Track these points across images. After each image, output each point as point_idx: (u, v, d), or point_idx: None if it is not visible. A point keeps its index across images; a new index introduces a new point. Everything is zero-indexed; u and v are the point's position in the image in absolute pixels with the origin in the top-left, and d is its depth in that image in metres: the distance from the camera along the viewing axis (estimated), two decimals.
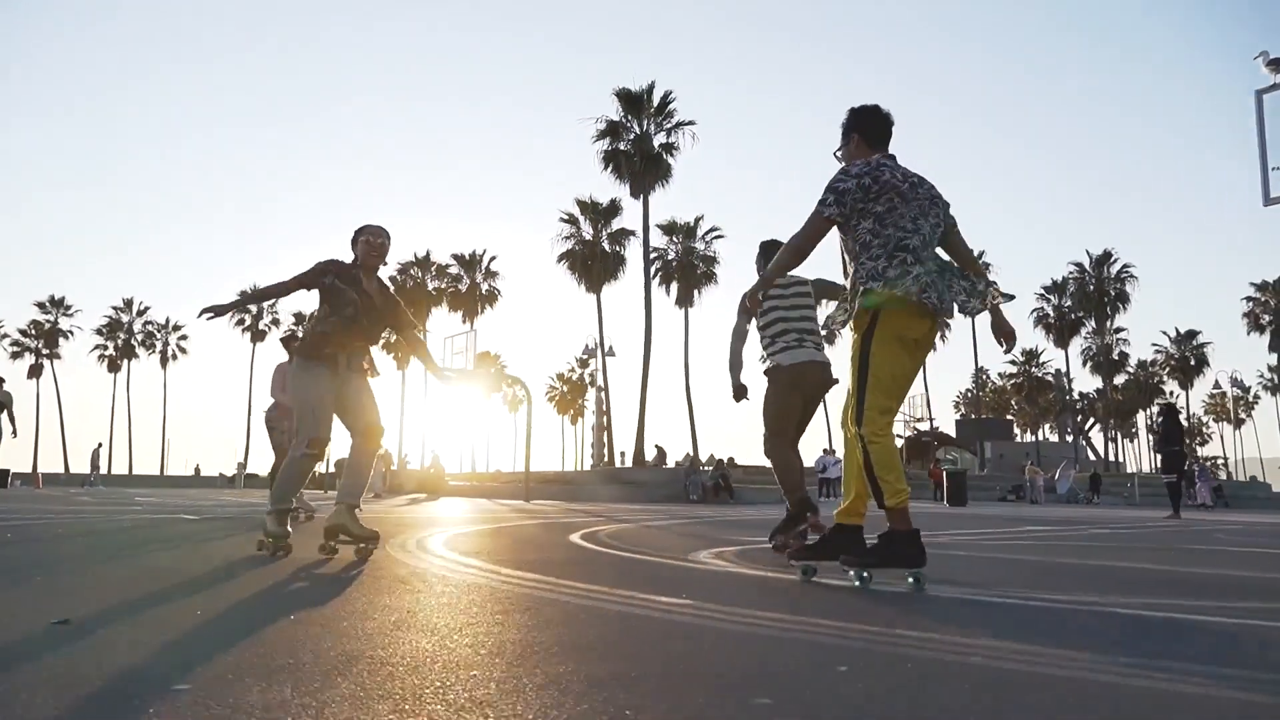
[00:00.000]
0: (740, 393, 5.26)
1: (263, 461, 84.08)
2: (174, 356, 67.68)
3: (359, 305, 4.44)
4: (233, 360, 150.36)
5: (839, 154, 3.59)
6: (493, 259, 52.78)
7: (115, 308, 67.33)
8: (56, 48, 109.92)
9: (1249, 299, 58.89)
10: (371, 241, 4.55)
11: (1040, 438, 74.57)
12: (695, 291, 43.52)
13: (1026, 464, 39.16)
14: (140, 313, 67.34)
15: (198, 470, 60.73)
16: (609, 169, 34.76)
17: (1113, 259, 54.89)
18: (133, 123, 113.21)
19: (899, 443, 55.16)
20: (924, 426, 56.56)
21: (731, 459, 30.82)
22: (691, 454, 41.65)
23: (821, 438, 54.87)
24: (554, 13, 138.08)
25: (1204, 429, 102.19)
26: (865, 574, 3.30)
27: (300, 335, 5.28)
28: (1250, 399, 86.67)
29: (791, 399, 5.02)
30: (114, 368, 66.83)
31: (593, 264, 39.02)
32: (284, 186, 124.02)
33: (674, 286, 43.17)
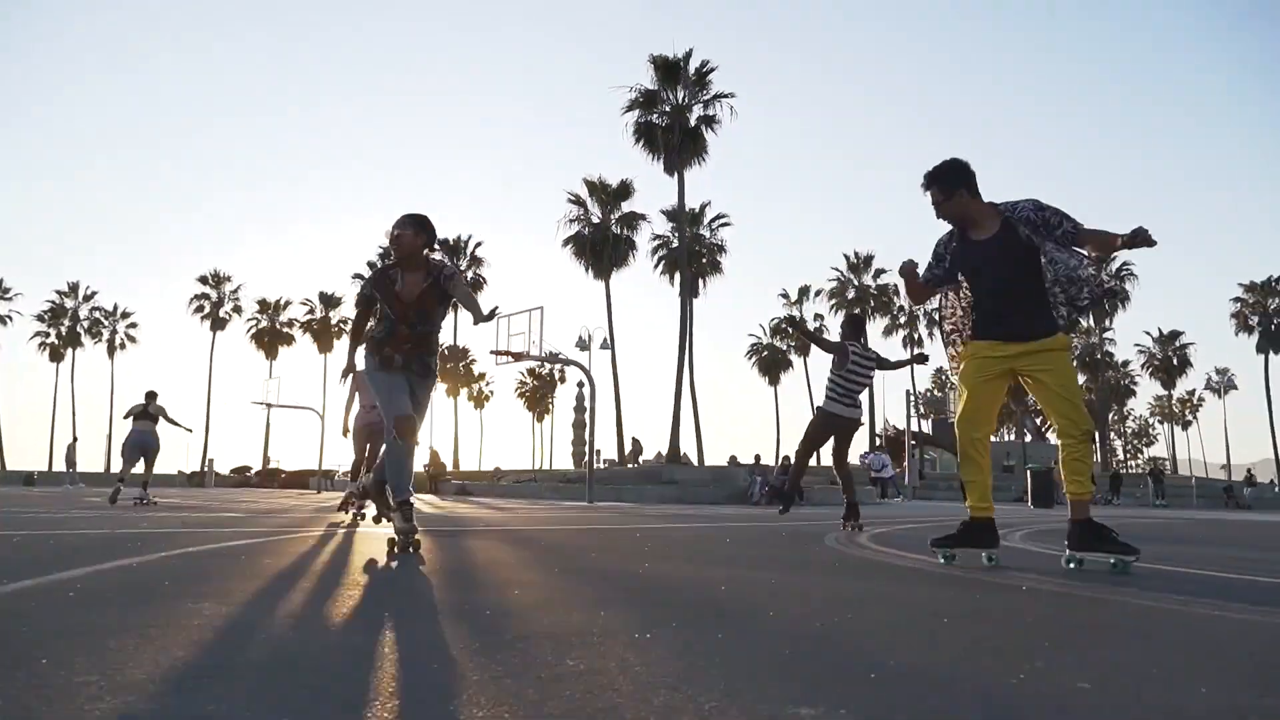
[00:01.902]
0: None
1: (226, 458, 79.74)
2: (122, 345, 63.24)
3: (394, 314, 4.41)
4: (189, 350, 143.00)
5: (945, 204, 3.93)
6: (478, 245, 49.88)
7: (59, 292, 62.65)
8: (13, 29, 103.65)
9: (1237, 299, 58.65)
10: (392, 235, 4.45)
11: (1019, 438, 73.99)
12: (700, 281, 41.38)
13: (1054, 465, 37.98)
14: (87, 298, 62.73)
15: None
16: (640, 143, 31.91)
17: (1112, 256, 53.89)
18: (87, 106, 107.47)
19: (879, 442, 54.11)
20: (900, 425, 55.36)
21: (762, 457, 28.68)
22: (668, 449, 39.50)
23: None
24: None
25: (1150, 430, 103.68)
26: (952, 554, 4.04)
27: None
28: (1195, 401, 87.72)
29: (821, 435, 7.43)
30: (56, 357, 62.10)
31: (602, 248, 36.38)
32: (245, 171, 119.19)
33: (678, 275, 40.98)
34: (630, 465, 34.45)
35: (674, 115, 31.96)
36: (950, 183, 3.88)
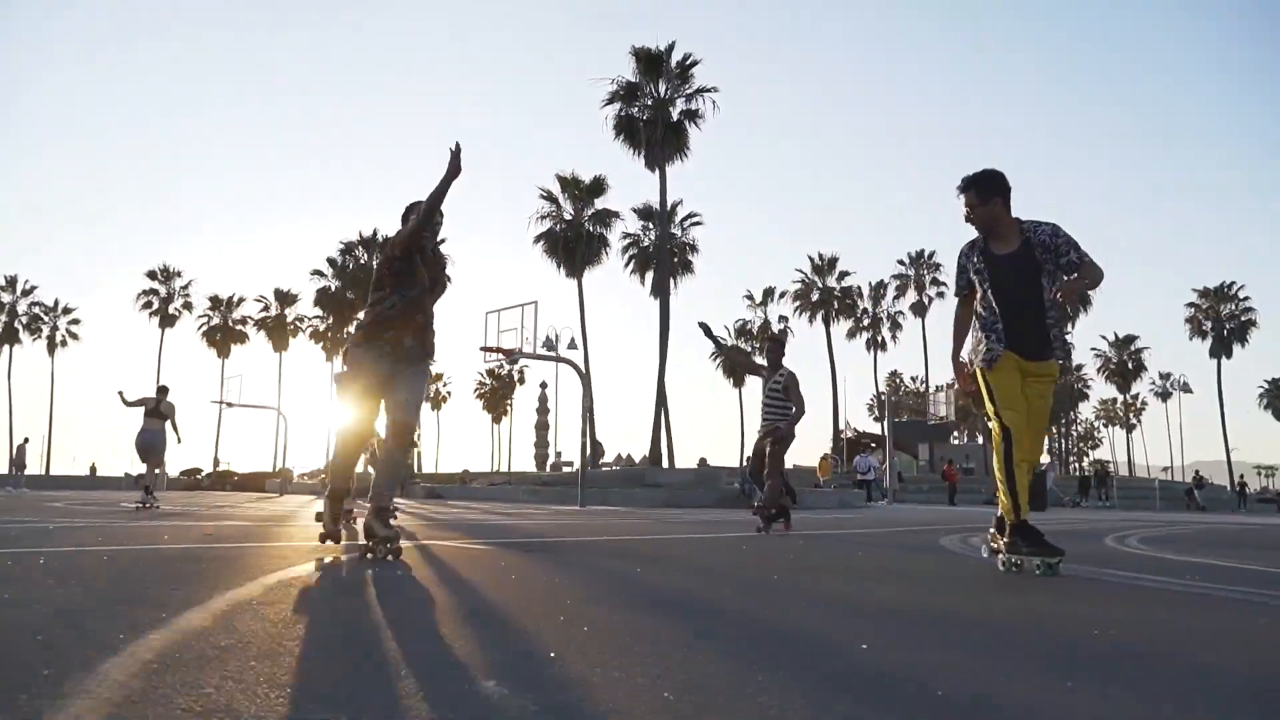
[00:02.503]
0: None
1: (173, 459, 77.37)
2: (63, 342, 60.78)
3: (417, 299, 4.45)
4: (135, 348, 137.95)
5: (980, 209, 4.00)
6: (442, 241, 48.54)
7: None
8: None
9: (1191, 304, 59.93)
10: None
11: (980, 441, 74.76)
12: (671, 280, 40.87)
13: (1044, 467, 38.19)
14: (26, 292, 60.13)
15: (94, 470, 54.44)
16: (620, 137, 31.14)
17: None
18: (32, 92, 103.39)
19: (840, 444, 54.24)
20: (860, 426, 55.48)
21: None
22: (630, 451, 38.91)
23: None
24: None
25: (1095, 433, 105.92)
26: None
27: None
28: (1139, 405, 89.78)
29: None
30: None
31: (575, 246, 35.55)
32: (198, 164, 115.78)
33: (649, 275, 40.43)
34: (591, 468, 33.74)
35: (656, 109, 31.35)
36: (990, 190, 3.97)
